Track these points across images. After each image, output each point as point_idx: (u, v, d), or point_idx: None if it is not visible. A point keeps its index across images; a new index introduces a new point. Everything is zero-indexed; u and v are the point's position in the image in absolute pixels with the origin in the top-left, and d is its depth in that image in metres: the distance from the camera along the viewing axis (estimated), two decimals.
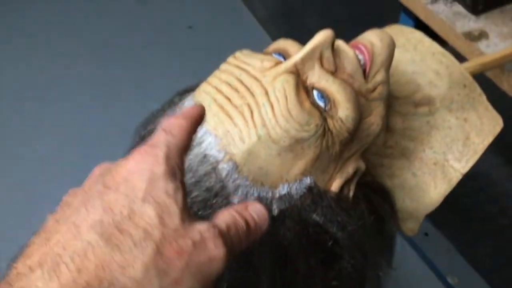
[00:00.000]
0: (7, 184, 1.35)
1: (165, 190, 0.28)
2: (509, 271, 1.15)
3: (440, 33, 0.69)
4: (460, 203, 1.27)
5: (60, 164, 1.38)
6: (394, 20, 0.84)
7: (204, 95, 0.45)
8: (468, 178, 0.54)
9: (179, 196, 0.29)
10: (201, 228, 0.28)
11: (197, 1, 1.89)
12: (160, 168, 0.29)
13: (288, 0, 1.94)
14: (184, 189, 0.30)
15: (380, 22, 0.62)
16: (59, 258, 0.26)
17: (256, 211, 0.32)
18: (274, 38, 0.50)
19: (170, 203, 0.28)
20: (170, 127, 0.32)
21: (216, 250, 0.28)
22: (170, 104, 0.49)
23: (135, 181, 0.28)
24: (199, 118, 0.34)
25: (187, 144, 0.33)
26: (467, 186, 1.36)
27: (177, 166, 0.30)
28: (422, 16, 0.71)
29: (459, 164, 0.54)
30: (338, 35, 0.48)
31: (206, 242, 0.28)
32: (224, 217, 0.31)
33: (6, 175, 1.37)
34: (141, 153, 0.30)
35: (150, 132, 0.47)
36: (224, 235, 0.29)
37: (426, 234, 1.09)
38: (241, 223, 0.31)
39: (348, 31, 0.52)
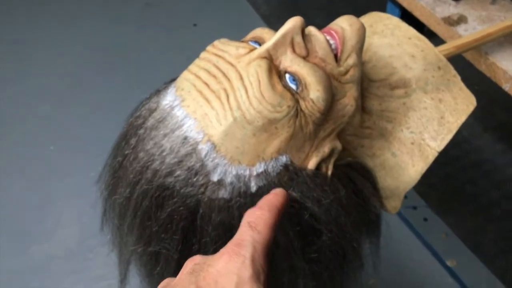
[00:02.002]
0: (23, 183, 1.39)
1: None
2: (511, 256, 1.16)
3: (421, 18, 0.71)
4: (463, 190, 1.28)
5: (73, 164, 1.42)
6: (383, 9, 0.86)
7: (185, 81, 0.48)
8: (471, 165, 0.56)
9: None
10: None
11: None
12: (246, 272, 0.33)
13: None
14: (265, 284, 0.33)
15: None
16: None
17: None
18: None
19: None
20: (255, 222, 0.35)
21: None
22: (156, 92, 0.52)
23: (225, 284, 0.32)
24: (281, 207, 0.38)
25: (271, 239, 0.36)
26: (470, 173, 1.38)
27: (262, 268, 0.34)
28: (405, 4, 0.73)
29: (435, 142, 0.56)
30: None
31: None
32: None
33: (22, 175, 1.41)
34: (229, 253, 0.34)
35: (136, 119, 0.50)
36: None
37: (425, 219, 1.11)
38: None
39: None
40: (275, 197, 0.39)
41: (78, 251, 1.23)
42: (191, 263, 0.36)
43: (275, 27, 0.52)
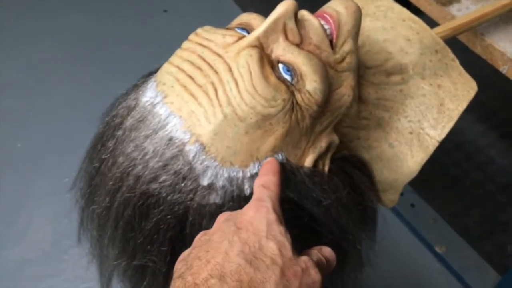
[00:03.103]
0: None
1: (279, 231, 0.38)
2: (498, 237, 1.16)
3: None
4: (447, 173, 1.27)
5: (42, 161, 1.36)
6: None
7: (167, 75, 0.43)
8: (454, 147, 0.53)
9: (288, 236, 0.38)
10: (304, 259, 0.37)
11: None
12: (272, 216, 0.38)
13: None
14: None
15: None
16: (223, 274, 0.35)
17: (328, 252, 0.41)
18: None
19: (284, 241, 0.37)
20: (267, 183, 0.41)
21: (316, 276, 0.37)
22: (134, 87, 0.47)
23: (258, 225, 0.38)
24: (279, 169, 0.42)
25: (280, 194, 0.41)
26: (452, 155, 1.37)
27: (280, 215, 0.39)
28: None
29: (435, 131, 0.53)
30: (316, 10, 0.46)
31: (310, 270, 0.37)
32: (312, 255, 0.39)
33: None
34: (255, 206, 0.39)
35: (113, 118, 0.45)
36: (318, 266, 0.38)
37: (413, 205, 1.09)
38: (323, 260, 0.40)
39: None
40: (271, 164, 0.42)
41: (53, 254, 1.17)
42: (222, 217, 0.40)
43: (248, 11, 0.47)
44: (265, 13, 0.48)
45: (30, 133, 1.42)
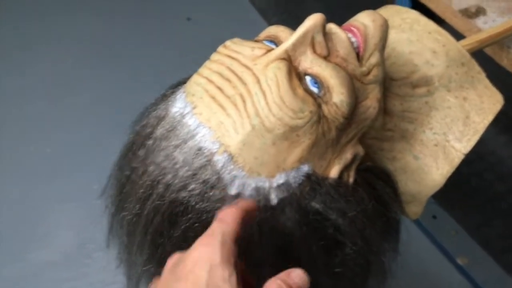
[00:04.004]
0: (18, 187, 1.35)
1: (222, 278, 0.35)
2: None
3: (436, 11, 0.68)
4: (468, 184, 1.26)
5: (69, 167, 1.38)
6: (391, 1, 0.83)
7: (196, 86, 0.44)
8: (476, 158, 0.53)
9: (233, 279, 0.36)
10: None
11: None
12: (217, 256, 0.36)
13: None
14: (238, 270, 0.37)
15: (378, 5, 0.60)
16: None
17: (298, 277, 0.38)
18: None
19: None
20: (225, 216, 0.39)
21: None
22: (163, 97, 0.48)
23: (200, 271, 0.36)
24: (248, 207, 0.41)
25: (237, 230, 0.39)
26: (474, 166, 1.35)
27: (231, 251, 0.37)
28: None
29: (460, 144, 0.53)
30: (337, 21, 0.47)
31: None
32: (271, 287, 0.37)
33: (18, 178, 1.37)
34: (202, 243, 0.37)
35: (143, 128, 0.46)
36: None
37: (434, 217, 1.08)
38: None
39: (348, 17, 0.51)
40: (245, 201, 0.41)
41: (76, 257, 1.19)
42: (170, 261, 0.39)
43: (271, 20, 0.48)
44: (287, 23, 0.49)
45: (59, 139, 1.44)
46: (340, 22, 0.47)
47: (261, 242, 0.44)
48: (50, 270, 1.18)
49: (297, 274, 0.38)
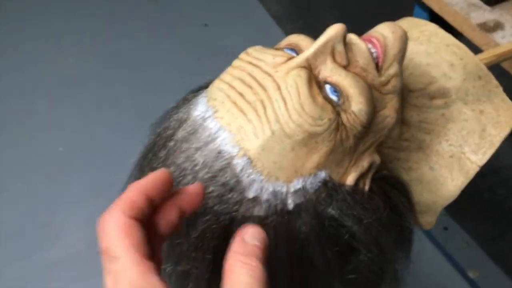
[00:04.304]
0: (28, 186, 1.36)
1: None
2: None
3: (454, 24, 0.69)
4: (481, 197, 1.26)
5: (79, 163, 1.40)
6: (408, 13, 0.83)
7: (217, 91, 0.45)
8: (490, 172, 0.53)
9: None
10: None
11: None
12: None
13: None
14: None
15: (394, 16, 0.61)
16: None
17: (252, 237, 0.37)
18: (289, 34, 0.50)
19: None
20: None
21: None
22: (184, 101, 0.49)
23: None
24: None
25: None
26: (488, 180, 1.35)
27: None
28: (436, 8, 0.71)
29: (476, 156, 0.54)
30: (352, 30, 0.48)
31: None
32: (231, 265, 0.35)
33: (28, 177, 1.38)
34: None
35: (165, 130, 0.47)
36: None
37: (446, 229, 1.08)
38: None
39: (362, 25, 0.52)
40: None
41: (85, 256, 1.20)
42: None
43: (286, 27, 0.49)
44: (302, 30, 0.49)
45: (72, 138, 1.46)
46: (354, 31, 0.48)
47: (276, 245, 0.44)
48: (58, 269, 1.19)
49: (251, 234, 0.37)
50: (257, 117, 0.43)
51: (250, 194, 0.43)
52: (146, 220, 0.36)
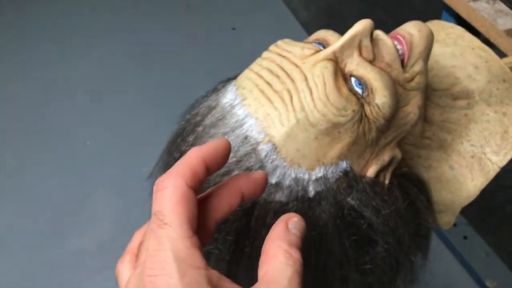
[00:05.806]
0: (59, 177, 1.40)
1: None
2: None
3: (481, 30, 0.69)
4: (503, 210, 1.25)
5: (110, 158, 1.43)
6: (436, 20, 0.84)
7: (246, 80, 0.47)
8: (511, 186, 0.54)
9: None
10: None
11: (240, 3, 1.93)
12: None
13: (330, 2, 1.95)
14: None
15: (423, 22, 0.62)
16: None
17: (296, 227, 0.36)
18: None
19: None
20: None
21: None
22: (214, 90, 0.51)
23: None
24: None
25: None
26: (509, 193, 1.34)
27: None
28: (463, 14, 0.71)
29: (497, 157, 0.54)
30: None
31: None
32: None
33: (58, 169, 1.42)
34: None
35: (194, 116, 0.49)
36: None
37: (465, 238, 1.07)
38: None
39: (390, 31, 0.53)
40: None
41: (111, 247, 1.23)
42: None
43: (313, 32, 0.51)
44: None
45: (99, 132, 1.50)
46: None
47: None
48: (85, 258, 1.22)
49: (294, 223, 0.36)
50: (283, 106, 0.44)
51: (273, 180, 0.44)
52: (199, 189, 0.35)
